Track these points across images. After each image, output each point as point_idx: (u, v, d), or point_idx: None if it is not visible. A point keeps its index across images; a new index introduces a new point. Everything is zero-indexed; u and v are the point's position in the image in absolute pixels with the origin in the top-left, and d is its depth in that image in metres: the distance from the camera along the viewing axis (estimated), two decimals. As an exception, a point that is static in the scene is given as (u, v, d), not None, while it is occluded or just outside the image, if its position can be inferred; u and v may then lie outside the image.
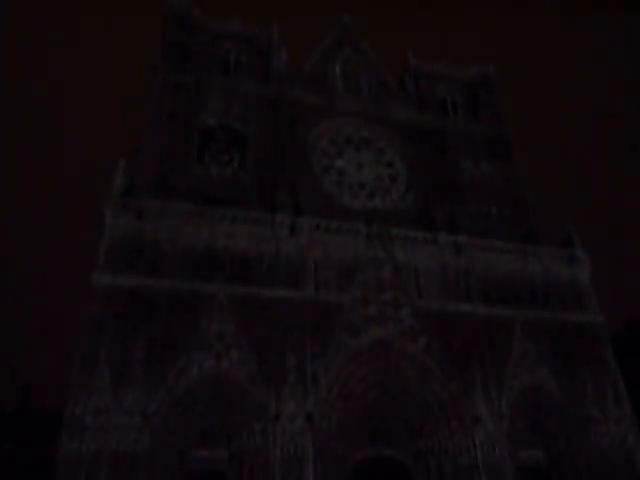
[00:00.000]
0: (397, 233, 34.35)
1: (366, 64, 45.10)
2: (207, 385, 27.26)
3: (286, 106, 39.34)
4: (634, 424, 31.71)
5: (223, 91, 38.54)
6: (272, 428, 26.38)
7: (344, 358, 29.45)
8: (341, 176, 38.87)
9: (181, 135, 35.19)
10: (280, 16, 45.31)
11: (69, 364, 26.14)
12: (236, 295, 29.43)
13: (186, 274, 29.42)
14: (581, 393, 31.91)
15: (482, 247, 35.74)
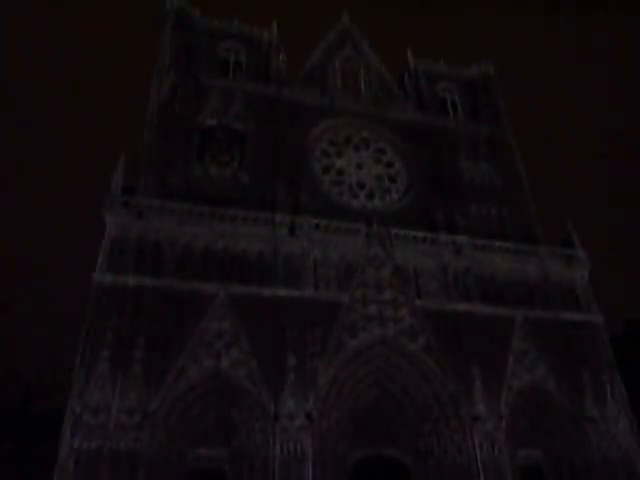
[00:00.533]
0: (397, 233, 34.44)
1: (366, 64, 45.18)
2: (207, 384, 27.36)
3: (286, 106, 39.41)
4: (633, 424, 31.75)
5: (223, 91, 38.57)
6: (272, 427, 26.45)
7: (344, 357, 29.51)
8: (341, 176, 38.95)
9: (181, 135, 35.22)
10: (280, 16, 45.30)
11: (70, 363, 26.27)
12: (236, 294, 29.51)
13: (186, 273, 29.53)
14: (580, 392, 31.94)
15: (481, 247, 35.81)
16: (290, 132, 38.04)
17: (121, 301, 27.60)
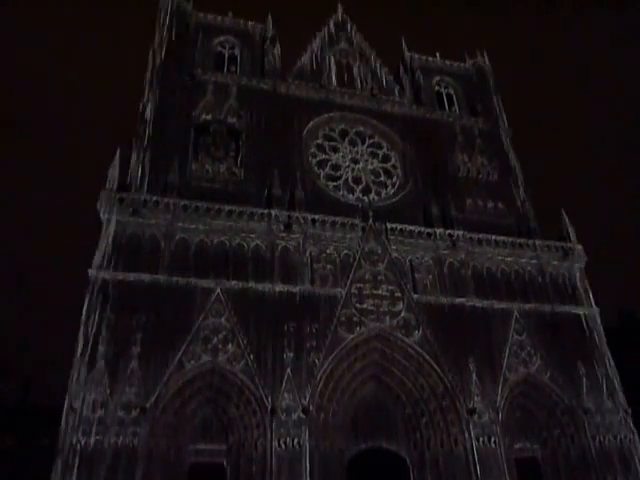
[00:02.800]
0: (393, 227, 34.50)
1: (361, 58, 45.06)
2: (204, 379, 27.46)
3: (281, 100, 39.33)
4: (628, 415, 31.92)
5: (218, 86, 38.45)
6: (269, 421, 26.57)
7: (340, 352, 29.60)
8: (336, 170, 38.95)
9: (176, 130, 35.11)
10: (275, 10, 45.10)
11: (68, 359, 26.33)
12: (232, 290, 29.57)
13: (182, 269, 29.53)
14: (576, 384, 32.09)
15: (477, 241, 35.86)
16: (285, 127, 37.94)
17: (118, 297, 27.62)
